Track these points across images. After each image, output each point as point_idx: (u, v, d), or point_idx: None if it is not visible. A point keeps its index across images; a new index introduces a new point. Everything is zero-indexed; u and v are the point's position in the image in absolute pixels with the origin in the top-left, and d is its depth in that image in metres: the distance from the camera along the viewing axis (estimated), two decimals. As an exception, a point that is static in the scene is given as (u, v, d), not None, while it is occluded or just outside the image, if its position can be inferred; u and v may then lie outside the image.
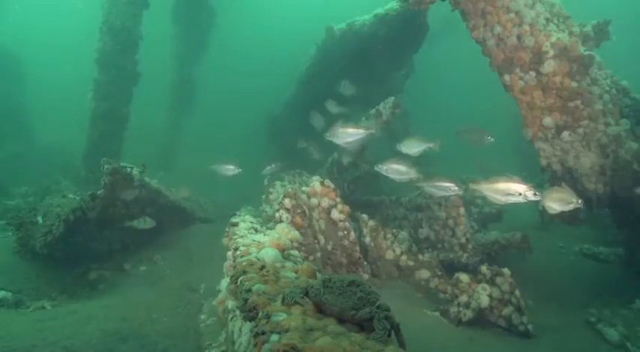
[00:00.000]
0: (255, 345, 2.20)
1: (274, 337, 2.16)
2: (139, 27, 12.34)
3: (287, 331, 2.18)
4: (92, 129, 12.24)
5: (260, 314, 2.47)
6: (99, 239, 7.78)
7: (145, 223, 7.52)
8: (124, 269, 7.62)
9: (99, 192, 7.43)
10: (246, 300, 2.71)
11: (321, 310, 2.55)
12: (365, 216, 7.21)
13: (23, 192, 12.49)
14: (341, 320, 2.47)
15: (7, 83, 16.70)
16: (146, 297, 6.27)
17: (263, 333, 2.22)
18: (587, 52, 6.49)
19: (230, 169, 8.36)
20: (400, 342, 2.44)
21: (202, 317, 5.74)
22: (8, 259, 7.16)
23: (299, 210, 6.14)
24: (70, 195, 7.99)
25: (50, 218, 7.15)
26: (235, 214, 6.81)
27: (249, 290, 2.79)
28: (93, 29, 12.22)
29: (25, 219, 7.55)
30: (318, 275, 3.54)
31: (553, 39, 6.45)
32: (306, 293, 2.61)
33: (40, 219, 7.25)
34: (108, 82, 12.11)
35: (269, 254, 3.93)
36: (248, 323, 2.86)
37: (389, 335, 2.36)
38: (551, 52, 6.43)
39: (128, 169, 7.66)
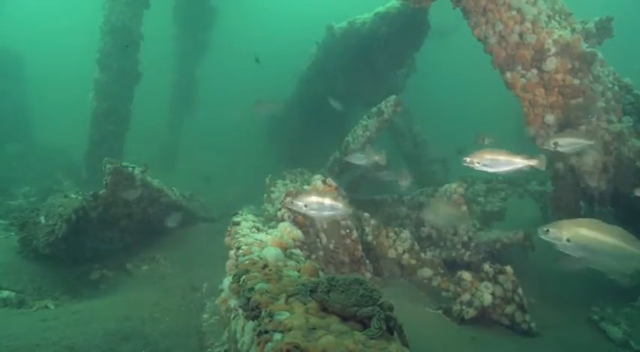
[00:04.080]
0: (258, 344, 2.20)
1: (277, 336, 2.15)
2: (140, 26, 12.35)
3: (290, 330, 2.18)
4: (93, 129, 12.26)
5: (263, 313, 2.47)
6: (101, 239, 7.79)
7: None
8: (126, 268, 7.63)
9: (101, 192, 7.43)
10: (248, 299, 2.71)
11: (324, 308, 2.54)
12: (367, 215, 7.20)
13: (25, 192, 12.50)
14: (344, 318, 2.47)
15: (8, 83, 16.72)
16: (148, 297, 6.27)
17: (266, 332, 2.21)
18: (589, 49, 6.47)
19: None
20: (403, 341, 2.43)
21: (205, 316, 5.74)
22: (11, 259, 7.17)
23: (301, 209, 6.13)
24: (72, 195, 7.99)
25: (52, 218, 7.16)
26: (237, 213, 6.81)
27: (251, 289, 2.79)
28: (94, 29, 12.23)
29: (28, 219, 7.56)
30: (321, 273, 3.53)
31: (555, 36, 6.42)
32: (313, 291, 2.60)
33: (42, 219, 7.25)
34: (109, 81, 12.11)
35: (271, 253, 3.93)
36: (251, 322, 2.85)
37: (391, 334, 2.35)
38: (553, 50, 6.41)
39: (130, 169, 7.66)
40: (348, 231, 6.52)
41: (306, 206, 4.44)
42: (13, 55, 17.94)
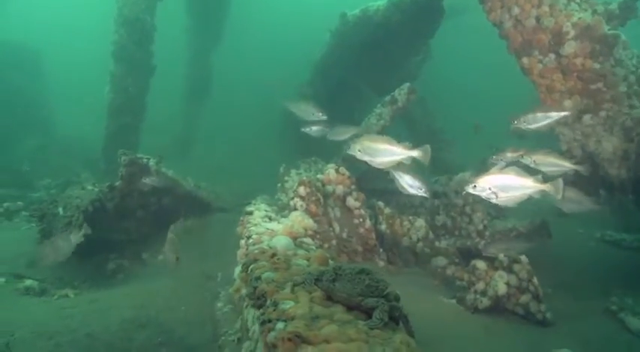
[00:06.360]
0: (261, 333, 2.21)
1: (280, 325, 2.16)
2: (154, 18, 12.38)
3: (293, 319, 2.18)
4: (110, 121, 12.42)
5: (268, 301, 2.47)
6: (117, 229, 7.93)
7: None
8: (142, 258, 7.76)
9: (116, 183, 7.56)
10: (255, 288, 2.72)
11: (329, 297, 2.54)
12: (381, 204, 7.15)
13: (46, 185, 12.79)
14: (349, 308, 2.46)
15: (27, 77, 17.03)
16: (164, 286, 6.37)
17: (269, 321, 2.22)
18: (611, 32, 6.24)
19: None
20: (408, 331, 2.41)
21: (219, 304, 5.80)
22: (34, 249, 7.37)
23: (314, 198, 6.13)
24: (89, 187, 8.13)
25: (70, 209, 7.31)
26: (250, 203, 6.85)
27: (258, 278, 2.80)
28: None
29: (47, 210, 7.74)
30: (331, 262, 3.53)
31: (574, 19, 6.21)
32: (318, 279, 2.60)
33: (60, 211, 7.41)
34: (124, 74, 12.22)
35: (281, 242, 3.94)
36: (256, 310, 2.87)
37: (397, 324, 2.33)
38: (572, 33, 6.20)
39: (145, 160, 7.76)
40: (361, 219, 6.50)
41: None
42: (31, 51, 18.24)
